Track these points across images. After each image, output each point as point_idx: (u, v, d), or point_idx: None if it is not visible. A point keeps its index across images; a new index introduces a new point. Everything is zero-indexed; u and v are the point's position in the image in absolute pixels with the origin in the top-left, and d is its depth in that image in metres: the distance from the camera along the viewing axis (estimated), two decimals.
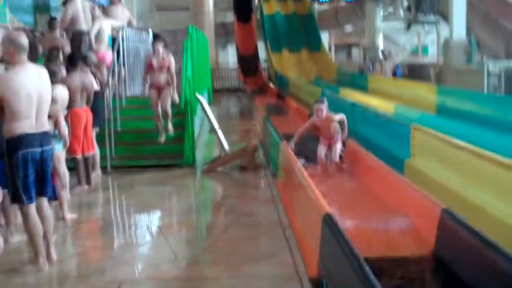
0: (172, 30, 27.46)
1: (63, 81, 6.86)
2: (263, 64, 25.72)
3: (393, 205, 5.10)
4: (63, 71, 7.30)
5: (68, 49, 9.49)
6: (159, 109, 9.00)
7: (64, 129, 6.18)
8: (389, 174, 5.61)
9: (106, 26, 9.71)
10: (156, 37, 9.90)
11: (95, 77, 8.41)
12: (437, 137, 6.25)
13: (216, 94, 23.36)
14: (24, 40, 4.67)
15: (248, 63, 24.89)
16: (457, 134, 8.23)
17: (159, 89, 9.03)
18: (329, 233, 3.62)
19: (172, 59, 9.06)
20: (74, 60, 7.56)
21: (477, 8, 18.17)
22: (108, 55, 9.64)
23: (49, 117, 5.41)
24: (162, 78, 9.01)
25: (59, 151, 6.33)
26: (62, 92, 6.33)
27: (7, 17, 12.61)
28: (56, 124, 6.03)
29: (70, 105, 6.96)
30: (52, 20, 10.18)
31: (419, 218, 4.45)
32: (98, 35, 9.66)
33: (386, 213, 4.99)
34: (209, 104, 19.39)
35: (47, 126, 4.83)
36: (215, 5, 30.17)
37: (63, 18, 10.45)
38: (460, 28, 16.46)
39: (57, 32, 9.88)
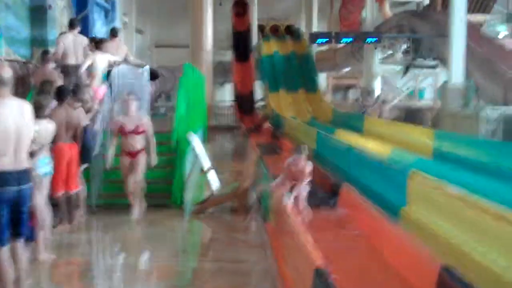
0: (170, 67, 27.59)
1: (50, 115, 6.67)
2: (259, 103, 25.66)
3: (389, 259, 4.83)
4: (53, 105, 7.12)
5: (59, 82, 9.31)
6: (131, 181, 7.91)
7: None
8: (385, 224, 5.37)
9: (100, 60, 9.54)
10: (133, 94, 8.82)
11: (87, 112, 8.21)
12: (434, 184, 6.02)
13: (211, 132, 23.19)
14: (5, 74, 4.45)
15: (245, 101, 24.87)
16: (453, 179, 8.05)
17: (132, 156, 8.00)
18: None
19: (146, 121, 8.12)
20: (61, 94, 7.36)
21: (476, 53, 18.17)
22: (101, 90, 9.45)
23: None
24: (136, 142, 7.98)
25: (46, 177, 6.09)
26: (46, 127, 6.13)
27: (2, 49, 12.47)
28: None
29: (55, 140, 6.74)
30: (44, 53, 10.04)
31: (416, 276, 4.18)
32: (91, 70, 9.49)
33: (381, 268, 4.73)
34: (204, 141, 19.24)
35: (26, 163, 4.59)
36: (214, 43, 30.31)
37: (56, 51, 10.32)
38: (458, 73, 16.41)
39: (50, 65, 9.71)
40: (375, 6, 28.12)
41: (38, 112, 5.52)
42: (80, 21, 11.80)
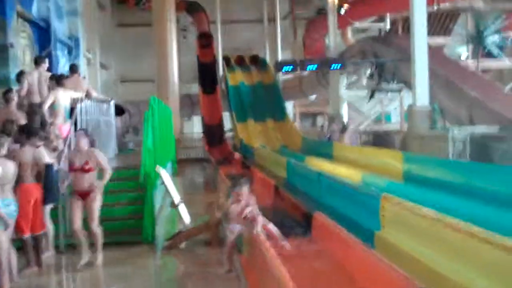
0: (136, 101, 27.43)
1: (12, 155, 6.48)
2: (228, 134, 25.62)
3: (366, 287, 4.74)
4: (14, 145, 6.93)
5: (23, 121, 9.11)
6: (78, 222, 7.30)
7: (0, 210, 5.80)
8: (360, 251, 5.27)
9: (62, 98, 9.36)
10: (82, 129, 8.36)
11: (53, 151, 8.04)
12: (407, 207, 5.98)
13: (181, 164, 23.01)
14: None
15: (213, 133, 24.81)
16: (425, 201, 8.03)
17: (82, 196, 7.39)
18: None
19: (96, 154, 7.49)
20: (28, 133, 7.18)
21: (439, 75, 18.44)
22: (65, 128, 9.26)
23: None
24: (85, 181, 7.36)
25: (10, 219, 5.92)
26: (6, 167, 5.95)
27: None
28: None
29: (19, 180, 6.55)
30: (7, 92, 9.78)
31: None
32: (54, 107, 9.30)
33: None
34: (173, 175, 19.05)
35: None
36: (180, 76, 30.30)
37: (19, 89, 10.13)
38: (423, 95, 16.59)
39: (13, 105, 9.47)
40: (337, 34, 28.47)
41: None
42: (45, 58, 11.63)
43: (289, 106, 34.22)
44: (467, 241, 4.66)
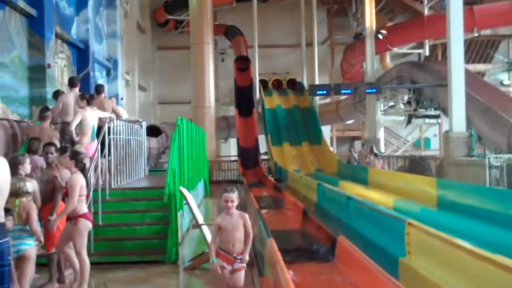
0: (173, 123, 27.61)
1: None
2: (263, 157, 25.57)
3: None
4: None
5: (56, 140, 9.21)
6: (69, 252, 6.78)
7: (36, 224, 5.81)
8: (382, 278, 5.09)
9: (90, 117, 9.44)
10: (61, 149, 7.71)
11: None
12: (433, 234, 5.76)
13: (216, 186, 23.01)
14: None
15: (248, 155, 24.78)
16: (458, 229, 7.80)
17: (70, 221, 6.61)
18: None
19: (73, 176, 6.60)
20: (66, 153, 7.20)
21: (478, 102, 18.11)
22: (92, 147, 9.32)
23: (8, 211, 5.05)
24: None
25: (30, 247, 5.94)
26: (35, 186, 6.01)
27: None
28: (27, 218, 5.69)
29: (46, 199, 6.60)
30: (43, 110, 9.90)
31: None
32: (82, 126, 9.37)
33: None
34: (206, 196, 19.04)
35: (2, 218, 4.41)
36: (217, 99, 30.48)
37: (54, 108, 10.27)
38: (459, 121, 16.30)
39: (47, 122, 9.56)
40: (375, 58, 28.32)
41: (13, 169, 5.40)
42: (79, 80, 11.80)
43: (326, 130, 34.04)
44: (497, 273, 4.44)
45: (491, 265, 4.53)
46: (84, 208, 6.61)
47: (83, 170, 6.76)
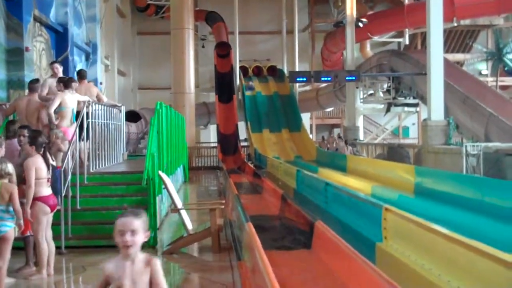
0: (153, 109, 27.48)
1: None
2: (243, 143, 25.60)
3: None
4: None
5: (44, 114, 9.11)
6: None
7: (18, 205, 5.78)
8: (359, 261, 5.12)
9: (69, 100, 9.32)
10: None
11: (58, 151, 8.04)
12: (409, 219, 5.81)
13: (195, 172, 23.01)
14: None
15: (228, 142, 24.77)
16: (435, 216, 7.89)
17: None
18: None
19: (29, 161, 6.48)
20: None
21: (456, 91, 18.28)
22: (70, 130, 9.23)
23: None
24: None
25: (11, 229, 5.92)
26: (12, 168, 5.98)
27: None
28: (10, 199, 5.67)
29: (20, 181, 6.52)
30: (32, 81, 9.66)
31: None
32: (60, 110, 9.26)
33: None
34: (185, 181, 19.04)
35: None
36: (197, 85, 30.36)
37: (41, 88, 10.04)
38: (438, 110, 16.45)
39: (35, 96, 9.37)
40: (356, 47, 28.41)
41: None
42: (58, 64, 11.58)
43: (306, 117, 34.14)
44: (471, 257, 4.50)
45: (467, 249, 4.59)
46: (42, 191, 6.51)
47: (44, 153, 6.69)
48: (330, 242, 6.00)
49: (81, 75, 11.17)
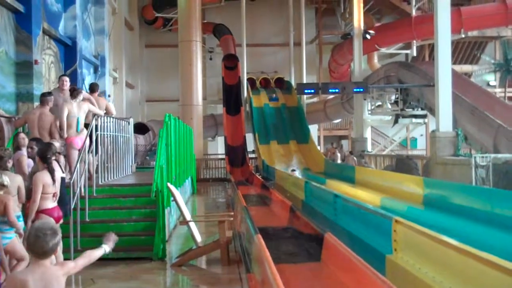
0: (161, 121, 27.59)
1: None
2: (250, 155, 25.60)
3: None
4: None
5: (54, 127, 9.12)
6: None
7: (13, 215, 5.76)
8: (369, 274, 5.09)
9: (75, 109, 9.36)
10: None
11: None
12: (420, 231, 5.78)
13: (203, 184, 23.01)
14: None
15: (235, 154, 24.78)
16: (444, 227, 7.84)
17: None
18: None
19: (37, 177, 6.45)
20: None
21: (464, 102, 18.24)
22: (76, 140, 9.26)
23: None
24: None
25: (11, 240, 5.91)
26: (16, 181, 5.99)
27: None
28: (4, 210, 5.65)
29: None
30: (44, 94, 9.69)
31: None
32: (66, 119, 9.31)
33: None
34: (193, 193, 19.04)
35: None
36: (204, 98, 30.42)
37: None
38: (446, 121, 16.41)
39: (47, 108, 9.39)
40: (363, 58, 28.44)
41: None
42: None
43: (314, 129, 34.14)
44: (482, 269, 4.46)
45: (478, 261, 4.56)
46: (46, 204, 6.47)
47: (50, 168, 6.67)
48: (340, 254, 5.97)
49: (92, 88, 11.23)
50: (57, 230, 3.34)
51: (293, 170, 21.43)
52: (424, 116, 25.03)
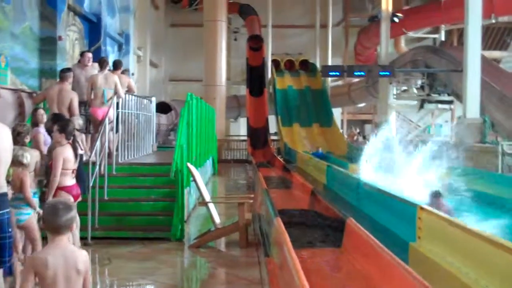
0: (183, 100, 27.50)
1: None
2: (272, 137, 25.43)
3: None
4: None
5: (75, 102, 8.99)
6: None
7: (29, 191, 5.66)
8: (392, 261, 4.92)
9: (100, 81, 9.29)
10: None
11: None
12: (445, 219, 5.59)
13: (224, 165, 22.91)
14: None
15: (257, 135, 24.65)
16: (469, 216, 7.65)
17: None
18: None
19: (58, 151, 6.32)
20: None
21: (493, 89, 17.83)
22: (100, 111, 9.18)
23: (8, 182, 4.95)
24: None
25: (29, 216, 5.82)
26: (34, 157, 5.87)
27: (7, 78, 12.33)
28: (21, 187, 5.56)
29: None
30: (64, 70, 9.62)
31: None
32: (91, 90, 9.26)
33: None
34: (214, 174, 18.95)
35: (4, 187, 4.28)
36: (228, 78, 30.24)
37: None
38: (473, 108, 16.06)
39: (67, 83, 9.29)
40: (390, 42, 27.96)
41: (18, 139, 5.27)
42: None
43: (337, 112, 33.81)
44: (505, 257, 4.28)
45: (505, 251, 4.37)
46: (66, 181, 6.33)
47: (73, 143, 6.56)
48: (361, 240, 5.80)
49: (115, 65, 11.10)
50: (71, 205, 3.26)
51: (318, 147, 21.59)
52: (450, 102, 24.57)
